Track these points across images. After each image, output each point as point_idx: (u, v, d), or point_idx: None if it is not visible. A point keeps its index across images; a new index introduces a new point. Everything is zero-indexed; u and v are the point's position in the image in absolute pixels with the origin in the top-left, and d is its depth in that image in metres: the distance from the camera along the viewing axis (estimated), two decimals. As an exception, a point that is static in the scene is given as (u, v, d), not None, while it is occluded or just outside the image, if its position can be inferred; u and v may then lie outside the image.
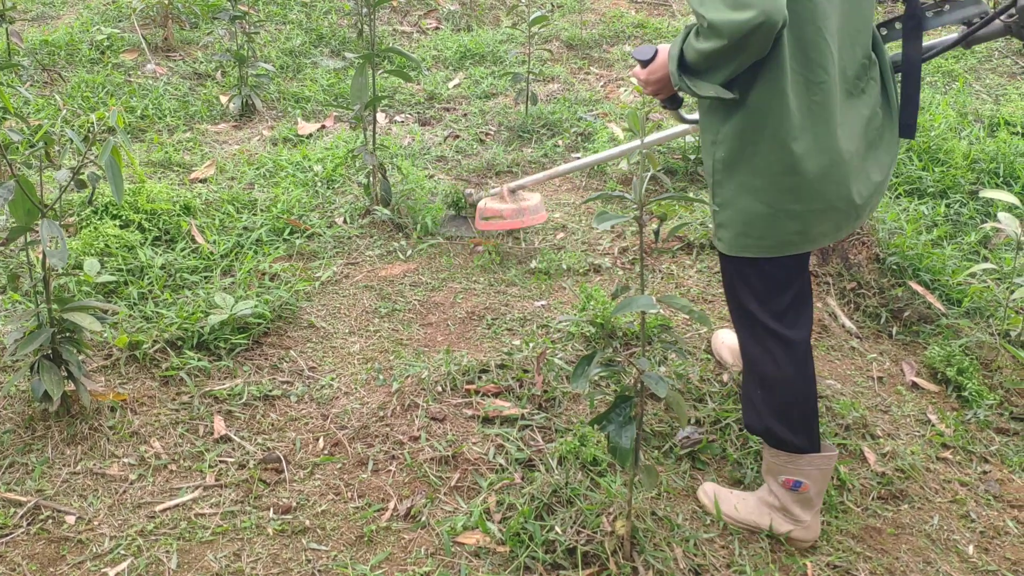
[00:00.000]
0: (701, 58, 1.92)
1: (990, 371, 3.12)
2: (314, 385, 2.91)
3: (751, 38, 1.80)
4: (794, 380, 2.23)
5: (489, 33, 6.52)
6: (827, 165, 2.03)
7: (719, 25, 1.80)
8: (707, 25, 1.82)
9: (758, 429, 2.32)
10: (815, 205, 2.07)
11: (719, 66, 1.92)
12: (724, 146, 2.07)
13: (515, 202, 3.70)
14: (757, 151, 2.03)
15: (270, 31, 6.22)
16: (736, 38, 1.80)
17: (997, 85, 5.69)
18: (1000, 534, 2.53)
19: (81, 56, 5.55)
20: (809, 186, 2.04)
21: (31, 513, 2.37)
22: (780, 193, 2.05)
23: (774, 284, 2.18)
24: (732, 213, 2.11)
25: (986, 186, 4.23)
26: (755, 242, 2.11)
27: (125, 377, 2.90)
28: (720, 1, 1.81)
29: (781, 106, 1.97)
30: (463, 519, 2.38)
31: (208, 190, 4.03)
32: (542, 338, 3.13)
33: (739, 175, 2.07)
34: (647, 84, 2.22)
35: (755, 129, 2.01)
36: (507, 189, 3.73)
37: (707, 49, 1.87)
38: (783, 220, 2.07)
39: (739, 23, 1.77)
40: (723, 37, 1.82)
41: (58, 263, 2.36)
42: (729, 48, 1.84)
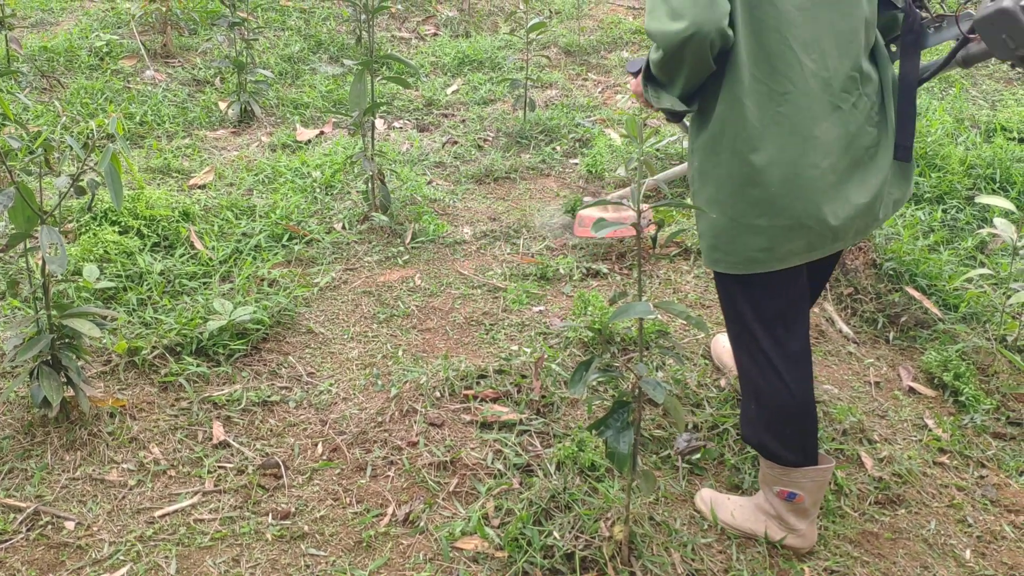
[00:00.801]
0: (656, 69, 1.99)
1: (987, 376, 3.13)
2: (313, 391, 2.92)
3: (684, 49, 1.85)
4: (788, 396, 2.19)
5: (487, 39, 6.53)
6: (792, 179, 1.98)
7: (655, 36, 1.88)
8: (650, 35, 1.90)
9: (753, 442, 2.31)
10: (780, 221, 2.01)
11: (671, 79, 1.98)
12: (696, 155, 2.10)
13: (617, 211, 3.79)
14: (719, 162, 2.03)
15: (269, 37, 6.23)
16: (671, 49, 1.87)
17: (994, 91, 5.72)
18: (997, 538, 2.53)
19: (80, 62, 5.57)
20: (772, 200, 1.99)
21: (30, 519, 2.38)
22: (743, 207, 2.03)
23: (763, 298, 2.15)
24: (705, 224, 2.13)
25: (982, 192, 4.25)
26: (723, 256, 2.11)
27: (124, 383, 2.91)
28: (662, 10, 1.87)
29: (739, 116, 1.96)
30: (462, 524, 2.39)
31: (207, 196, 4.04)
32: (540, 344, 3.14)
33: (708, 186, 2.08)
34: (637, 96, 2.29)
35: (716, 140, 2.02)
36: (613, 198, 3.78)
37: (655, 60, 1.96)
38: (747, 235, 2.04)
39: (671, 34, 1.84)
40: (661, 47, 1.90)
41: (57, 269, 2.36)
42: (668, 59, 1.91)
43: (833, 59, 1.98)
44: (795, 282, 2.16)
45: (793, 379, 2.19)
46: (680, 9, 1.82)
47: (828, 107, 1.99)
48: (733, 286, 2.18)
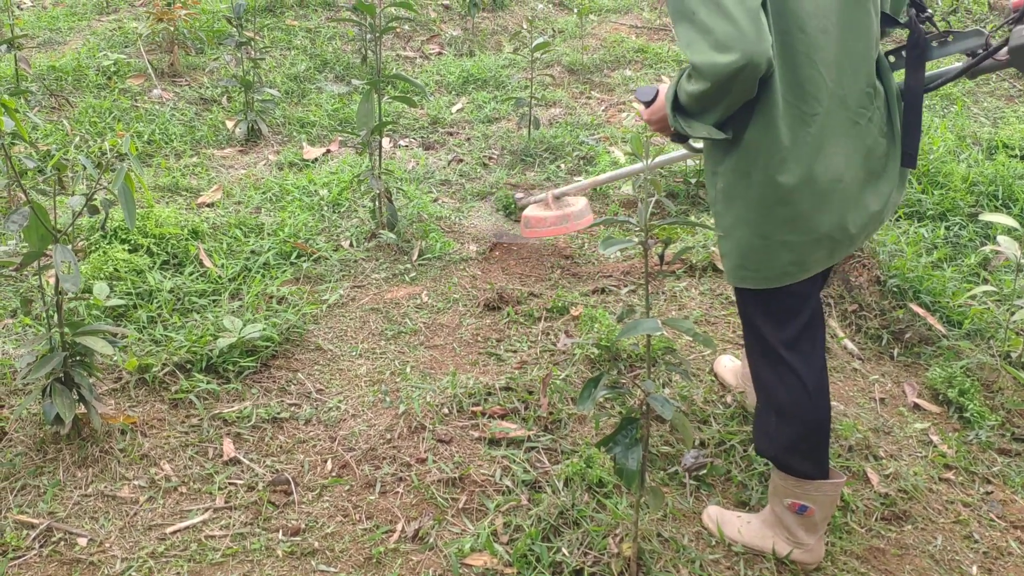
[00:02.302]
0: (691, 100, 1.96)
1: (991, 392, 3.15)
2: (322, 407, 2.94)
3: (734, 81, 1.84)
4: (809, 409, 2.23)
5: (491, 58, 6.59)
6: (822, 196, 2.05)
7: (702, 68, 1.84)
8: (693, 68, 1.87)
9: (770, 455, 2.33)
10: (809, 235, 2.08)
11: (708, 108, 1.96)
12: (723, 178, 2.11)
13: (560, 208, 3.80)
14: (751, 184, 2.06)
15: (275, 57, 6.28)
16: (719, 81, 1.84)
17: (995, 108, 5.75)
18: (1003, 555, 2.55)
19: (88, 81, 5.61)
20: (803, 217, 2.06)
21: (43, 535, 2.39)
22: (775, 225, 2.07)
23: (784, 312, 2.19)
24: (731, 244, 2.15)
25: (985, 209, 4.27)
26: (752, 274, 2.14)
27: (135, 400, 2.93)
28: (704, 43, 1.83)
29: (773, 140, 2.00)
30: (470, 541, 2.40)
31: (215, 214, 4.08)
32: (547, 360, 3.16)
33: (736, 207, 2.10)
34: (650, 124, 2.27)
35: (748, 163, 2.04)
36: (552, 195, 3.86)
37: (695, 91, 1.92)
38: (779, 251, 2.09)
39: (721, 66, 1.81)
40: (707, 79, 1.85)
41: (71, 287, 2.39)
42: (713, 91, 1.88)
43: (850, 78, 2.05)
44: (815, 294, 2.24)
45: (816, 391, 2.24)
46: (728, 41, 1.81)
47: (848, 124, 2.06)
48: (756, 303, 2.20)
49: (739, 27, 1.80)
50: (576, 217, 3.77)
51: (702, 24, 1.84)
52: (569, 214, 3.76)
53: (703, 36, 1.84)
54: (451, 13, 7.71)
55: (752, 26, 1.81)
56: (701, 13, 1.85)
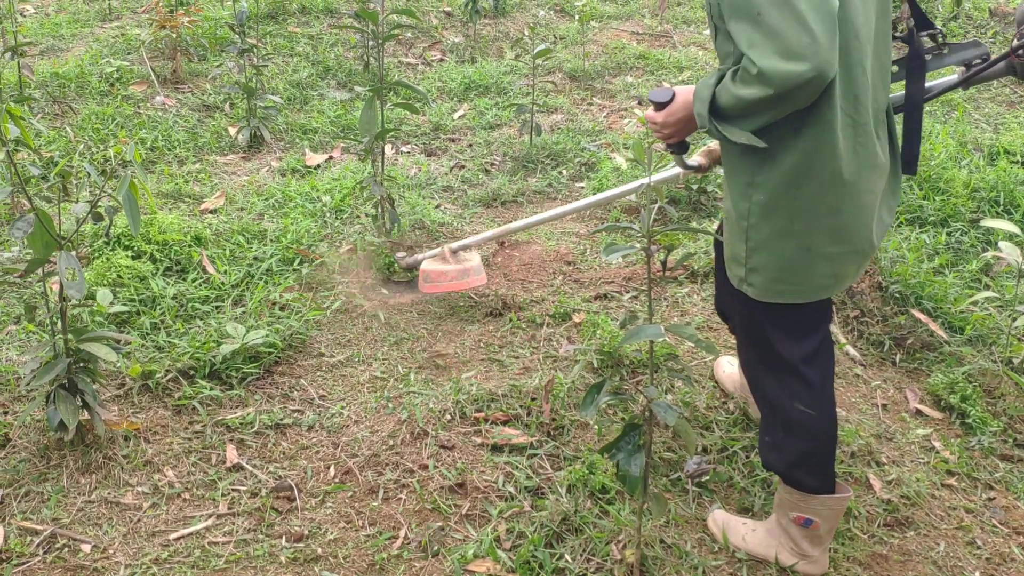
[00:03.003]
0: (739, 104, 1.87)
1: (993, 398, 3.15)
2: (324, 413, 2.94)
3: (800, 91, 1.77)
4: (820, 422, 2.22)
5: (493, 65, 6.60)
6: (861, 208, 2.04)
7: (770, 75, 1.76)
8: (756, 72, 1.78)
9: (778, 469, 2.32)
10: (848, 247, 2.07)
11: (758, 113, 1.88)
12: (764, 189, 2.03)
13: (458, 262, 3.57)
14: (801, 194, 2.00)
15: (277, 64, 6.30)
16: (785, 90, 1.77)
17: (996, 114, 5.76)
18: (1006, 560, 2.55)
19: (91, 88, 5.63)
20: (845, 228, 2.04)
21: (47, 541, 2.40)
22: (820, 236, 2.04)
23: (806, 327, 2.18)
24: (766, 258, 2.08)
25: (986, 215, 4.28)
26: (789, 287, 2.09)
27: (138, 406, 2.94)
28: (770, 47, 1.75)
29: (832, 148, 1.95)
30: (474, 547, 2.40)
31: (218, 221, 4.09)
32: (549, 366, 3.16)
33: (777, 219, 2.04)
34: (664, 127, 2.16)
35: (803, 172, 1.98)
36: (448, 249, 3.59)
37: (749, 96, 1.83)
38: (820, 263, 2.06)
39: (792, 75, 1.74)
40: (771, 87, 1.77)
41: (75, 294, 2.40)
42: (775, 98, 1.80)
43: (881, 89, 2.06)
44: (829, 309, 2.23)
45: (828, 406, 2.23)
46: (801, 50, 1.73)
47: (880, 134, 2.07)
48: (778, 318, 2.16)
49: (814, 36, 1.73)
50: (475, 272, 3.55)
51: (770, 27, 1.76)
52: (468, 268, 3.54)
53: (770, 39, 1.76)
54: (453, 20, 7.73)
55: (827, 36, 1.75)
56: (771, 15, 1.76)
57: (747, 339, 2.30)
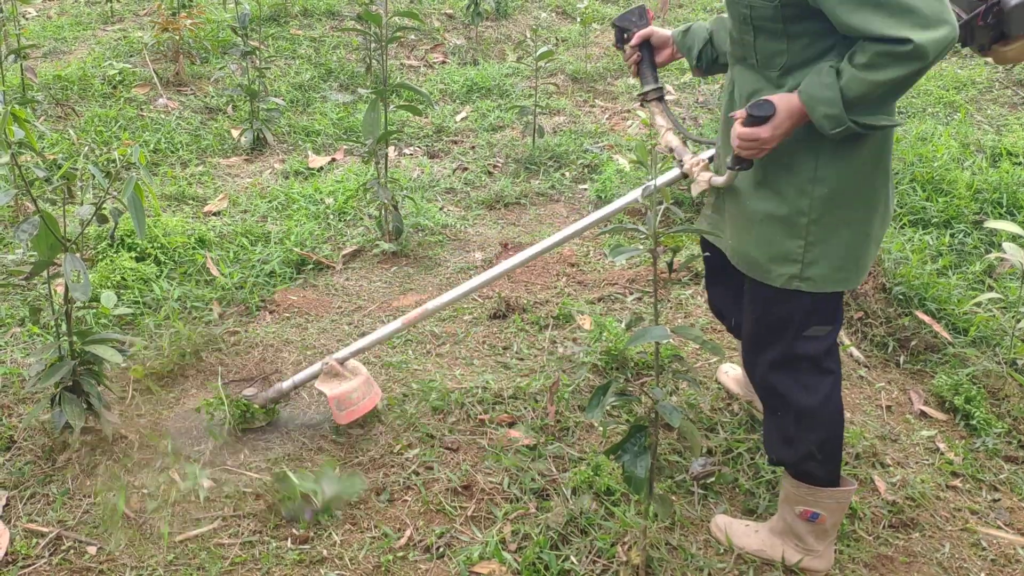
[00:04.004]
0: (879, 89, 1.88)
1: (997, 399, 3.15)
2: (330, 415, 2.94)
3: (943, 55, 1.83)
4: (834, 413, 2.26)
5: (495, 67, 6.61)
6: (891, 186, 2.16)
7: (923, 46, 1.78)
8: (910, 48, 1.79)
9: (788, 461, 2.33)
10: (886, 227, 2.18)
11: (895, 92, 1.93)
12: (827, 183, 2.05)
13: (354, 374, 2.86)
14: (868, 183, 2.08)
15: (280, 66, 6.31)
16: (934, 58, 1.81)
17: (998, 116, 5.76)
18: (1011, 562, 2.54)
19: (94, 91, 5.64)
20: (886, 209, 2.15)
21: (53, 544, 2.40)
22: (876, 219, 2.13)
23: (833, 317, 2.22)
24: (827, 249, 2.10)
25: (989, 216, 4.28)
26: (849, 275, 2.13)
27: (142, 408, 2.94)
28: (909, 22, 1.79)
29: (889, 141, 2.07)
30: (479, 549, 2.40)
31: (222, 223, 4.09)
32: (554, 368, 3.16)
33: (842, 210, 2.07)
34: (769, 141, 2.01)
35: (874, 162, 2.06)
36: (335, 361, 2.85)
37: (896, 76, 1.85)
38: (872, 247, 2.15)
39: (939, 41, 1.79)
40: (924, 58, 1.80)
41: (81, 296, 2.40)
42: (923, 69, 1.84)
43: None
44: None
45: (838, 393, 2.28)
46: (937, 15, 1.79)
47: None
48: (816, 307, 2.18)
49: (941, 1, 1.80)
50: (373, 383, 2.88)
51: (901, 5, 1.79)
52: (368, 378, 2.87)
53: (906, 16, 1.79)
54: (455, 22, 7.74)
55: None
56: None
57: (766, 336, 2.28)
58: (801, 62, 2.02)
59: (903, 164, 4.63)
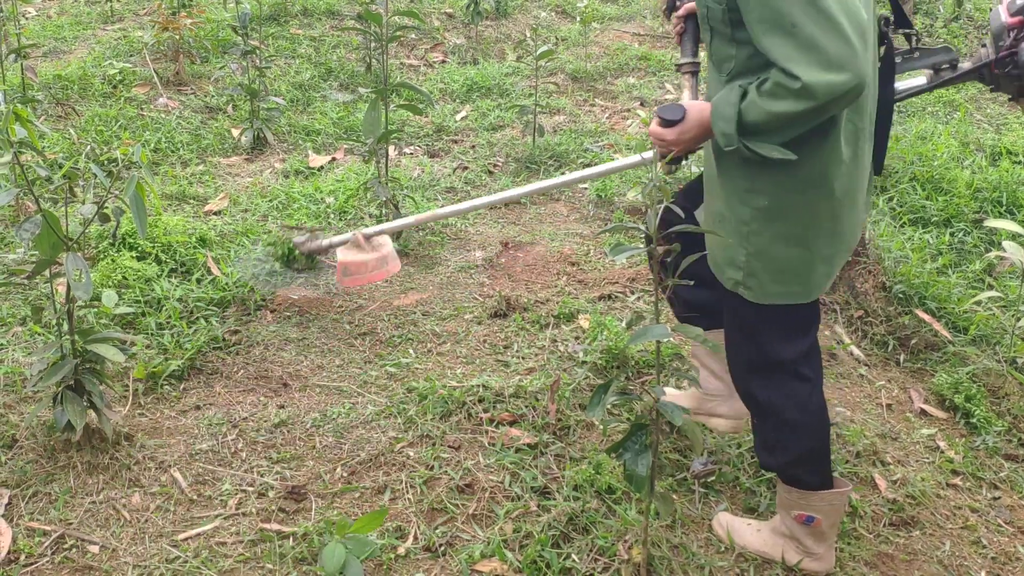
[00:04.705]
0: (773, 119, 1.85)
1: (998, 398, 3.16)
2: (331, 413, 2.95)
3: (840, 100, 1.78)
4: (816, 420, 2.24)
5: (495, 66, 6.61)
6: (852, 208, 2.08)
7: (813, 87, 1.75)
8: (799, 86, 1.76)
9: (777, 468, 2.33)
10: (842, 246, 2.11)
11: (792, 126, 1.87)
12: (766, 196, 2.03)
13: (374, 249, 3.33)
14: (807, 200, 2.02)
15: (280, 65, 6.31)
16: (825, 101, 1.77)
17: (998, 114, 5.77)
18: (1012, 560, 2.55)
19: (94, 90, 5.64)
20: (842, 230, 2.08)
21: (55, 542, 2.40)
22: (822, 239, 2.07)
23: (803, 326, 2.20)
24: (767, 261, 2.08)
25: (989, 215, 4.29)
26: (788, 289, 2.11)
27: (144, 407, 2.94)
28: (809, 59, 1.75)
29: (836, 155, 1.98)
30: (480, 547, 2.41)
31: (222, 222, 4.10)
32: (555, 367, 3.17)
33: (780, 224, 2.05)
34: (675, 143, 2.09)
35: (809, 179, 2.00)
36: (362, 235, 3.35)
37: (787, 110, 1.82)
38: (819, 265, 2.09)
39: (834, 85, 1.74)
40: (814, 99, 1.76)
41: (83, 295, 2.41)
42: (815, 110, 1.80)
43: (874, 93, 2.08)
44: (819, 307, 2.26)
45: (822, 401, 2.26)
46: (842, 60, 1.73)
47: (870, 136, 2.10)
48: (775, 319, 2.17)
49: (852, 45, 1.74)
50: (392, 260, 3.37)
51: (808, 39, 1.75)
52: (386, 256, 3.33)
53: (808, 52, 1.75)
54: (455, 21, 7.74)
55: (862, 44, 1.76)
56: (806, 27, 1.75)
57: (739, 341, 2.29)
58: (746, 70, 1.97)
59: (903, 163, 4.64)
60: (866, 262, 3.60)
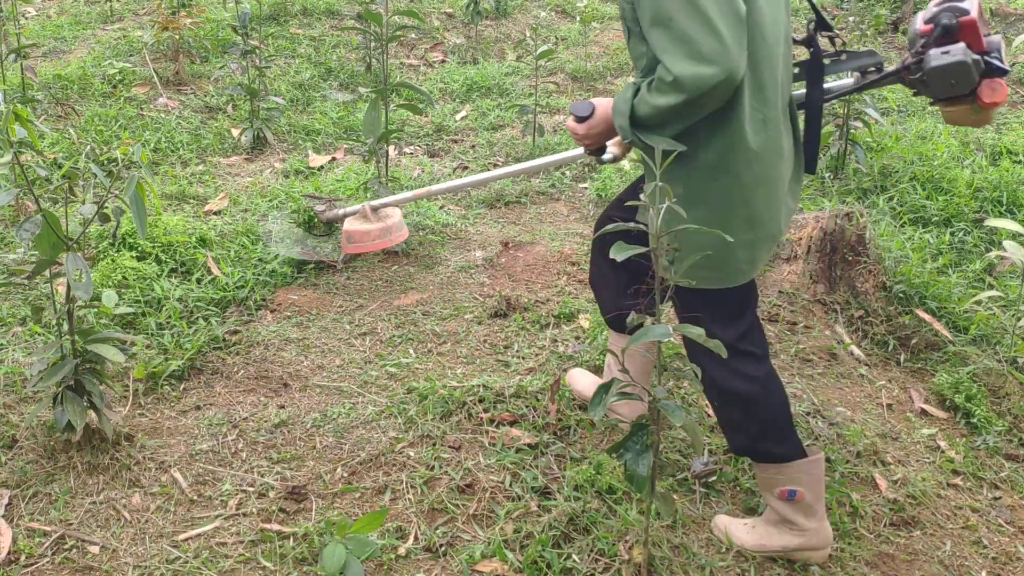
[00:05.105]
0: (657, 113, 1.96)
1: (998, 398, 3.16)
2: (332, 414, 2.95)
3: (711, 94, 1.87)
4: (768, 392, 2.30)
5: (495, 66, 6.61)
6: (772, 196, 2.16)
7: (683, 80, 1.84)
8: (671, 79, 1.86)
9: (746, 448, 2.37)
10: (762, 233, 2.18)
11: (675, 120, 1.98)
12: (681, 183, 2.11)
13: (380, 220, 3.64)
14: (718, 187, 2.10)
15: (280, 65, 6.31)
16: (699, 94, 1.86)
17: (998, 114, 5.77)
18: (1012, 560, 2.55)
19: (94, 90, 5.64)
20: (758, 216, 2.15)
21: (56, 543, 2.40)
22: (736, 224, 2.13)
23: (736, 309, 2.28)
24: (689, 247, 2.12)
25: (989, 214, 4.29)
26: (711, 273, 2.18)
27: (144, 408, 2.94)
28: (681, 52, 1.84)
29: (741, 144, 2.06)
30: (481, 547, 2.40)
31: (222, 222, 4.09)
32: (556, 367, 3.17)
33: (697, 210, 2.11)
34: (586, 137, 2.29)
35: (718, 167, 2.08)
36: (369, 207, 3.67)
37: (666, 104, 1.92)
38: (737, 250, 2.16)
39: (701, 78, 1.84)
40: (684, 92, 1.87)
41: (83, 295, 2.41)
42: (689, 103, 1.89)
43: (786, 85, 2.18)
44: (755, 290, 2.36)
45: (771, 372, 2.33)
46: (712, 55, 1.83)
47: (784, 127, 2.18)
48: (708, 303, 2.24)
49: (723, 40, 1.83)
50: (397, 229, 3.66)
51: (681, 33, 1.85)
52: (391, 226, 3.63)
53: (681, 45, 1.86)
54: (454, 21, 7.74)
55: (735, 40, 1.85)
56: (680, 21, 1.85)
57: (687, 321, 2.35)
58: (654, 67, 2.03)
59: (903, 163, 4.64)
60: (866, 262, 3.60)
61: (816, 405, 3.02)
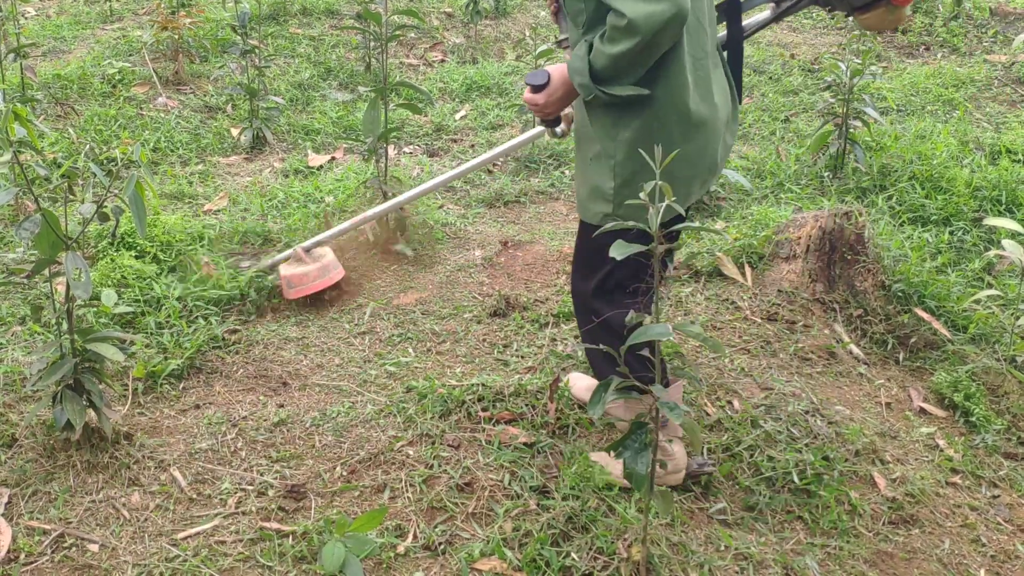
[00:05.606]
0: (615, 61, 2.05)
1: (997, 396, 3.16)
2: (331, 412, 2.95)
3: (665, 31, 1.96)
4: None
5: (494, 66, 6.61)
6: (711, 132, 2.26)
7: (637, 21, 1.94)
8: (625, 23, 1.96)
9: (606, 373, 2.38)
10: (700, 168, 2.29)
11: (633, 65, 2.07)
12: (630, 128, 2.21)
13: (315, 260, 3.58)
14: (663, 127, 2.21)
15: (279, 65, 6.31)
16: (652, 32, 1.95)
17: (997, 113, 5.77)
18: (1011, 558, 2.55)
19: (93, 90, 5.64)
20: (699, 152, 2.26)
21: (55, 541, 2.40)
22: (678, 162, 2.18)
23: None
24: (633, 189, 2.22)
25: (989, 214, 4.29)
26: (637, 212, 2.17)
27: (143, 406, 2.94)
28: None
29: (683, 84, 2.17)
30: (480, 546, 2.41)
31: (222, 222, 4.09)
32: (555, 365, 3.17)
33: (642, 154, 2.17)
34: (546, 107, 2.31)
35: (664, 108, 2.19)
36: (301, 249, 3.61)
37: (622, 50, 2.01)
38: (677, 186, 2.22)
39: (655, 16, 1.93)
40: (639, 33, 1.96)
41: (83, 294, 2.41)
42: (645, 44, 1.99)
43: (711, 26, 2.30)
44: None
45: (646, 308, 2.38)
46: None
47: (716, 67, 2.29)
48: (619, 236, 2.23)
49: None
50: (334, 267, 3.59)
51: None
52: (327, 265, 3.56)
53: None
54: (454, 21, 7.74)
55: None
56: None
57: (589, 270, 2.44)
58: (597, 20, 2.14)
59: (902, 162, 4.64)
60: (865, 261, 3.60)
61: (815, 404, 3.02)
